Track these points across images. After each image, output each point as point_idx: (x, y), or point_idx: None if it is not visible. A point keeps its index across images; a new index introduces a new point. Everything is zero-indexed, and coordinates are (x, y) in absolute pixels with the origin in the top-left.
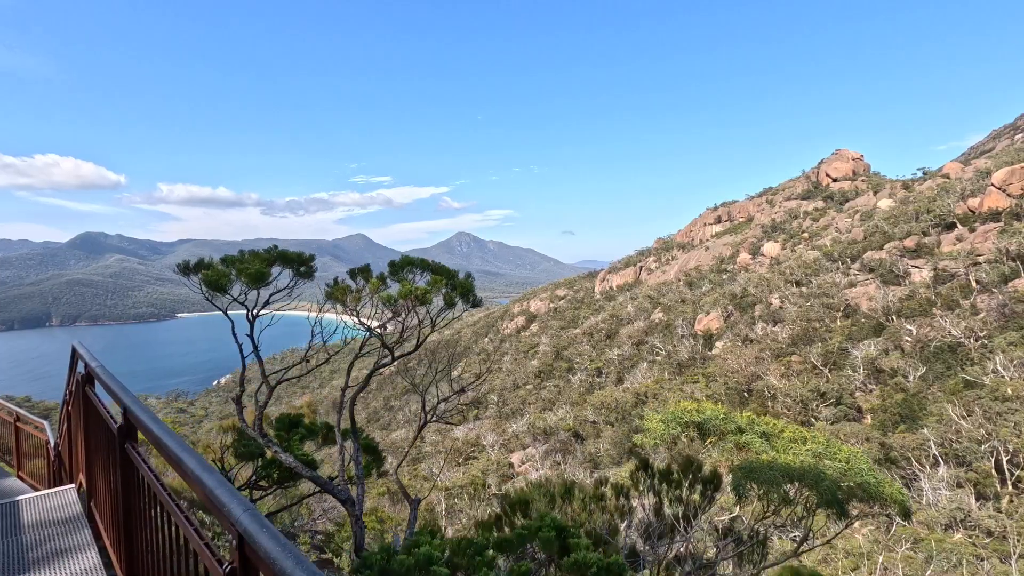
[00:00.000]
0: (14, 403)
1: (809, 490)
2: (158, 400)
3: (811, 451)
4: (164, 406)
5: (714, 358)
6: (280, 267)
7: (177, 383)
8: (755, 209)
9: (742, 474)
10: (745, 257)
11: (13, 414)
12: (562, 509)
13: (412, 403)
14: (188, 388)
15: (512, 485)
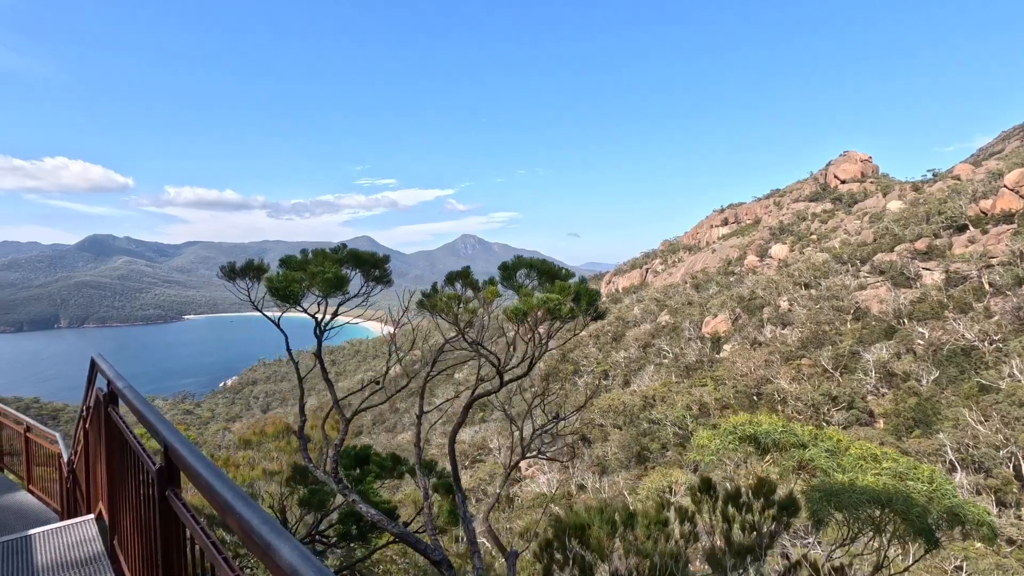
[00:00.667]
0: (20, 405)
1: (899, 517)
2: (165, 401)
3: (890, 470)
4: (171, 407)
5: (722, 361)
6: (351, 270)
7: (184, 384)
8: (762, 211)
9: (820, 497)
10: (753, 259)
11: (23, 424)
12: (623, 535)
13: (416, 405)
14: (195, 389)
15: (520, 489)
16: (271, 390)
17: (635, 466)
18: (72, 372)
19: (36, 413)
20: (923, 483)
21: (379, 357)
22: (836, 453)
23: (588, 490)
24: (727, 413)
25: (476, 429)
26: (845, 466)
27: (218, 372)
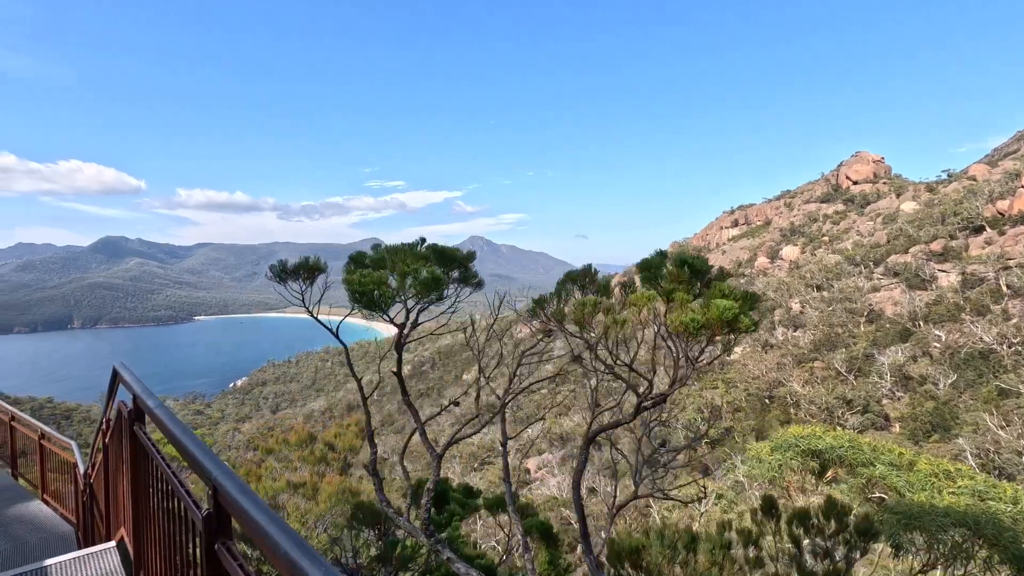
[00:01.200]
0: (35, 404)
1: (988, 542)
2: (176, 401)
3: (967, 489)
4: (182, 407)
5: (733, 363)
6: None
7: (194, 385)
8: (773, 212)
9: (898, 520)
10: (763, 261)
11: (38, 431)
12: (684, 560)
13: (426, 406)
14: (205, 390)
15: (529, 492)
16: (280, 391)
17: (646, 470)
18: (85, 372)
19: (50, 413)
20: (1006, 503)
21: (388, 358)
22: (900, 468)
23: (599, 493)
24: (739, 416)
25: (485, 431)
26: (916, 484)
27: (228, 373)
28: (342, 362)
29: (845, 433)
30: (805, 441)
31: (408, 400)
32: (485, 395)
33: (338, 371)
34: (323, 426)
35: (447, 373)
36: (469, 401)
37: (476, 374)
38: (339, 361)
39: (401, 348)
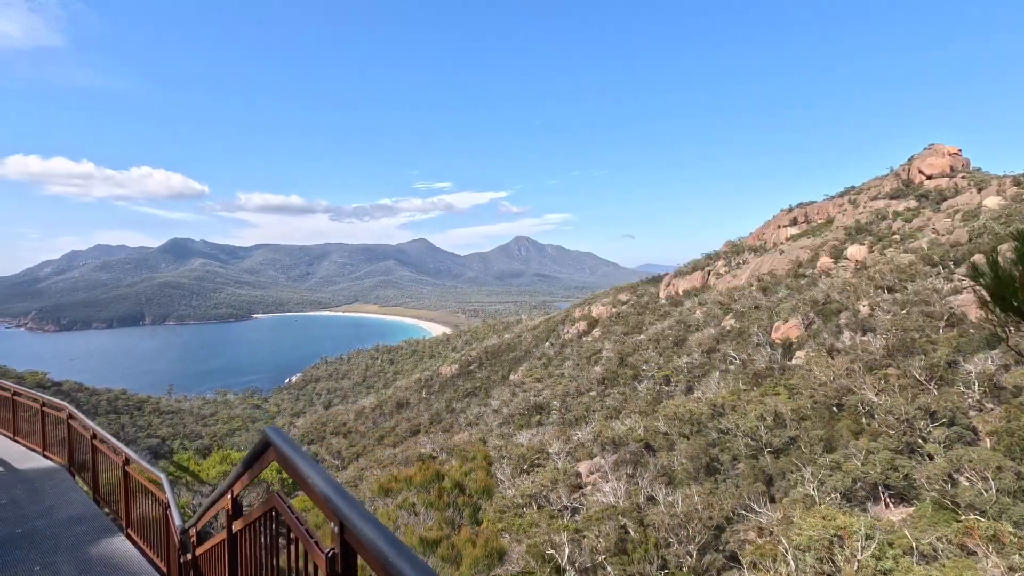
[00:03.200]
0: (110, 396)
1: None
2: (236, 396)
3: None
4: (241, 401)
5: (795, 368)
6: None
7: (252, 380)
8: (836, 210)
9: None
10: (826, 261)
11: (123, 455)
12: None
13: (473, 405)
14: (262, 385)
15: (583, 498)
16: (332, 387)
17: (704, 477)
18: (162, 368)
19: (124, 404)
20: None
21: (436, 357)
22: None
23: (660, 503)
24: (805, 425)
25: (534, 432)
26: None
27: (284, 369)
28: (392, 359)
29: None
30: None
31: None
32: (532, 395)
33: (387, 369)
34: (441, 450)
35: (494, 373)
36: (516, 401)
37: (524, 374)
38: (388, 359)
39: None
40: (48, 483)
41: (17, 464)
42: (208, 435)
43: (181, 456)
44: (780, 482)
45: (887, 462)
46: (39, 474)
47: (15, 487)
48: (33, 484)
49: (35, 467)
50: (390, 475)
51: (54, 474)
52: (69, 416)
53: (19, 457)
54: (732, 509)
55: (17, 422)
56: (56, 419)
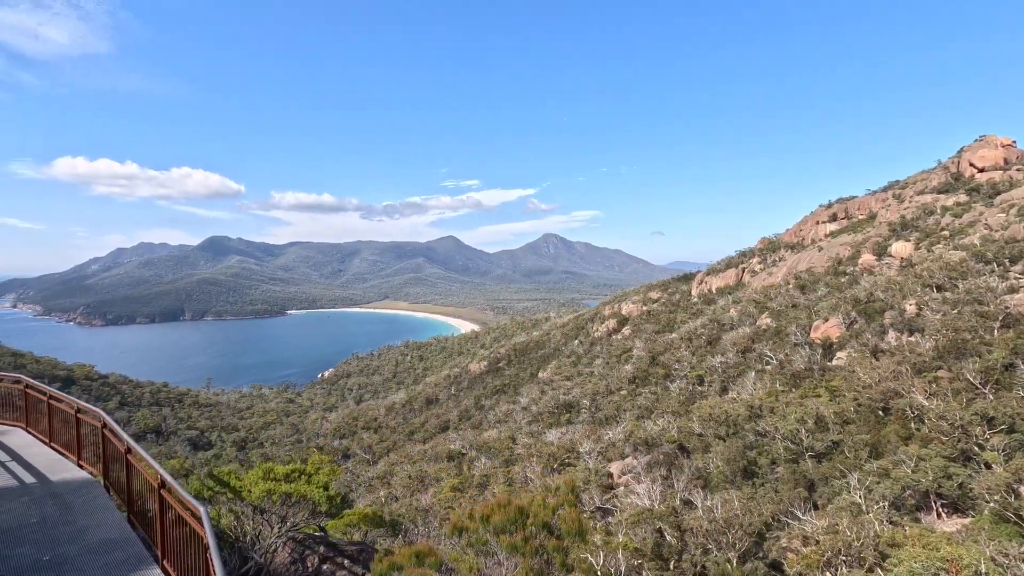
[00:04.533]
0: (153, 388)
1: None
2: (271, 390)
3: None
4: (275, 395)
5: (836, 370)
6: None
7: (286, 374)
8: (879, 205)
9: None
10: (869, 258)
11: (158, 478)
12: None
13: (502, 402)
14: (296, 380)
15: (617, 500)
16: (363, 383)
17: (741, 481)
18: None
19: (165, 396)
20: None
21: (465, 353)
22: None
23: (698, 508)
24: (849, 429)
25: (564, 430)
26: None
27: (316, 364)
28: (421, 356)
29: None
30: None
31: None
32: (562, 394)
33: (417, 365)
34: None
35: (523, 370)
36: (545, 399)
37: (552, 372)
38: (418, 355)
39: None
40: (80, 498)
41: (51, 474)
42: (244, 428)
43: (221, 470)
44: (823, 488)
45: (940, 470)
46: (71, 487)
47: (46, 503)
48: (64, 499)
49: (68, 478)
50: (467, 512)
51: (87, 488)
52: (103, 425)
53: (53, 465)
54: (772, 515)
55: (53, 427)
56: (91, 426)
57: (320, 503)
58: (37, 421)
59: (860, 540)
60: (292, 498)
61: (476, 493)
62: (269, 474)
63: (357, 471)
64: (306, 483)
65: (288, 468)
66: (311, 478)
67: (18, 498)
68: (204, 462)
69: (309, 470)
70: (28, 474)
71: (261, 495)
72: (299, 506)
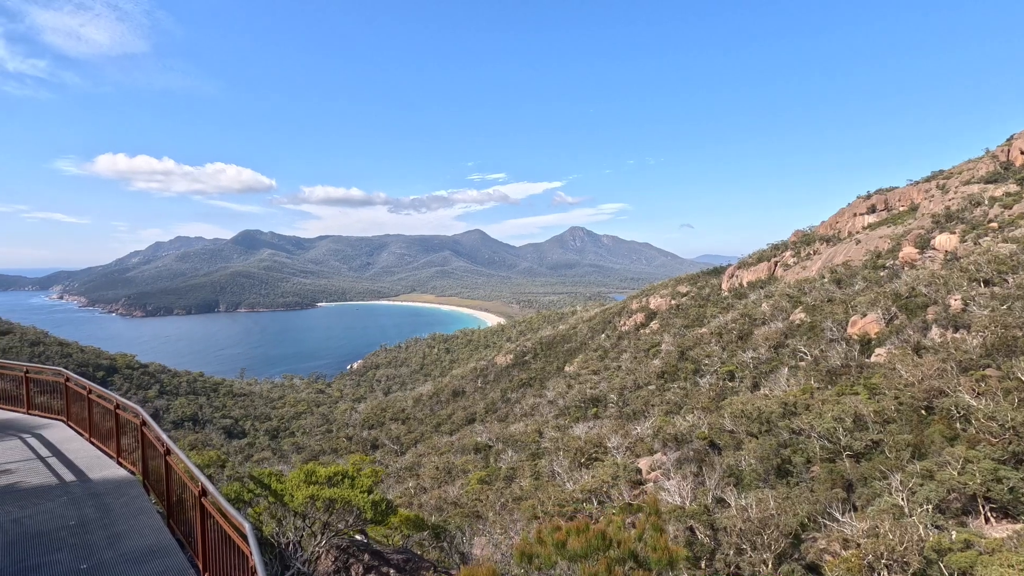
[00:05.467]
0: (189, 378)
1: None
2: (302, 380)
3: None
4: (306, 386)
5: (876, 367)
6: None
7: (317, 365)
8: (921, 196)
9: None
10: (910, 251)
11: (199, 485)
12: None
13: (528, 396)
14: (326, 371)
15: (646, 496)
16: (391, 374)
17: (775, 480)
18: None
19: (201, 386)
20: None
21: (491, 346)
22: None
23: (731, 506)
24: (891, 429)
25: (591, 425)
26: None
27: (346, 355)
28: (448, 348)
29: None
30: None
31: None
32: (589, 388)
33: (444, 357)
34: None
35: (549, 364)
36: (572, 393)
37: (579, 366)
38: (445, 347)
39: None
40: (120, 499)
41: (91, 472)
42: (276, 417)
43: (261, 471)
44: (861, 489)
45: (989, 472)
46: (111, 487)
47: (85, 504)
48: (104, 500)
49: (107, 477)
50: (535, 534)
51: (126, 488)
52: (142, 423)
53: (93, 463)
54: (809, 516)
55: (93, 422)
56: (131, 423)
57: (365, 509)
58: (78, 415)
59: (904, 544)
60: (336, 504)
61: (503, 486)
62: (311, 477)
63: (386, 461)
64: (349, 487)
65: (330, 470)
66: (354, 481)
67: (57, 497)
68: (238, 450)
69: (351, 472)
70: (68, 471)
71: (304, 501)
72: (343, 512)
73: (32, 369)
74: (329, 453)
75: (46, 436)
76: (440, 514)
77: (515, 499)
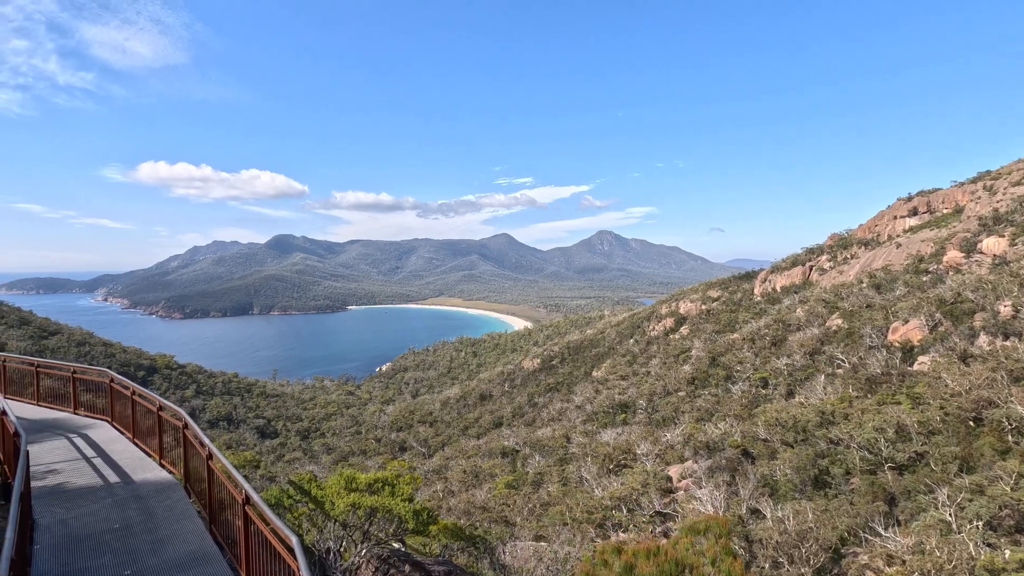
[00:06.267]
0: (224, 379)
1: None
2: (332, 382)
3: None
4: (336, 388)
5: (919, 375)
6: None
7: (346, 368)
8: (966, 198)
9: None
10: (955, 255)
11: (242, 491)
12: None
13: (556, 400)
14: (355, 373)
15: (678, 505)
16: (419, 377)
17: (812, 491)
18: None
19: (236, 386)
20: None
21: (518, 350)
22: None
23: (767, 518)
24: (937, 440)
25: (619, 431)
26: None
27: (375, 358)
28: (475, 352)
29: None
30: None
31: None
32: (617, 393)
33: (471, 361)
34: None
35: (576, 369)
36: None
37: (607, 371)
38: (472, 351)
39: None
40: (162, 503)
41: (134, 474)
42: (307, 418)
43: (301, 476)
44: (905, 503)
45: None
46: (154, 489)
47: (129, 507)
48: (147, 503)
49: (150, 479)
50: (599, 555)
51: (169, 491)
52: (184, 426)
53: (137, 464)
54: (849, 529)
55: (136, 423)
56: (173, 425)
57: (407, 519)
58: (121, 415)
59: (953, 562)
60: (378, 513)
61: (531, 491)
62: (351, 483)
63: (413, 464)
64: (390, 495)
65: (370, 477)
66: (394, 489)
67: (102, 499)
68: (270, 450)
69: (390, 478)
70: (112, 472)
71: (346, 509)
72: (384, 521)
73: (79, 370)
74: (358, 455)
75: (91, 436)
76: (468, 518)
77: (543, 504)
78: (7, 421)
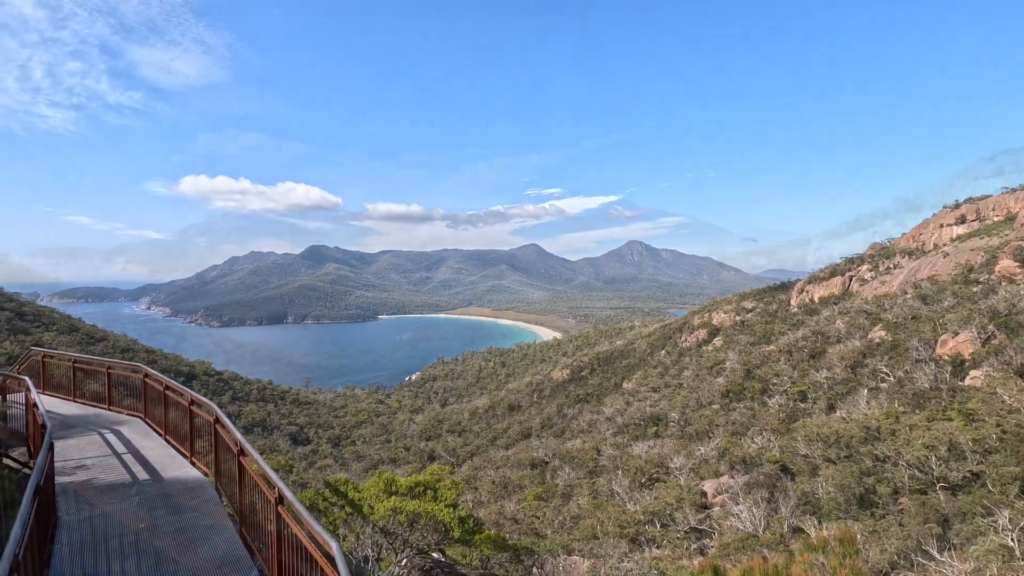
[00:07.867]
0: (258, 385)
1: None
2: (362, 391)
3: None
4: (367, 396)
5: (971, 391)
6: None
7: (376, 377)
8: (1019, 205)
9: None
10: (1008, 264)
11: (275, 489)
12: None
13: (585, 412)
14: (385, 382)
15: (713, 521)
16: (448, 387)
17: (858, 511)
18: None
19: (270, 394)
20: None
21: (547, 361)
22: None
23: (812, 538)
24: (994, 460)
25: (651, 444)
26: None
27: (404, 367)
28: (504, 362)
29: None
30: None
31: None
32: (648, 405)
33: (500, 371)
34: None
35: (606, 380)
36: (631, 411)
37: (638, 383)
38: (501, 361)
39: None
40: (191, 502)
41: (164, 472)
42: (338, 426)
43: (338, 478)
44: (959, 525)
45: None
46: (182, 488)
47: (157, 505)
48: (175, 502)
49: (180, 477)
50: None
51: (198, 489)
52: (216, 420)
53: (167, 462)
54: (899, 552)
55: (168, 419)
56: (204, 421)
57: (452, 527)
58: (153, 411)
59: None
60: (421, 520)
61: (560, 503)
62: (391, 486)
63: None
64: (432, 500)
65: (411, 480)
66: (436, 494)
67: (130, 497)
68: (302, 456)
69: (431, 482)
70: (142, 469)
71: (386, 514)
72: (426, 528)
73: (114, 365)
74: (388, 463)
75: (124, 432)
76: (499, 529)
77: (573, 518)
78: (36, 414)
